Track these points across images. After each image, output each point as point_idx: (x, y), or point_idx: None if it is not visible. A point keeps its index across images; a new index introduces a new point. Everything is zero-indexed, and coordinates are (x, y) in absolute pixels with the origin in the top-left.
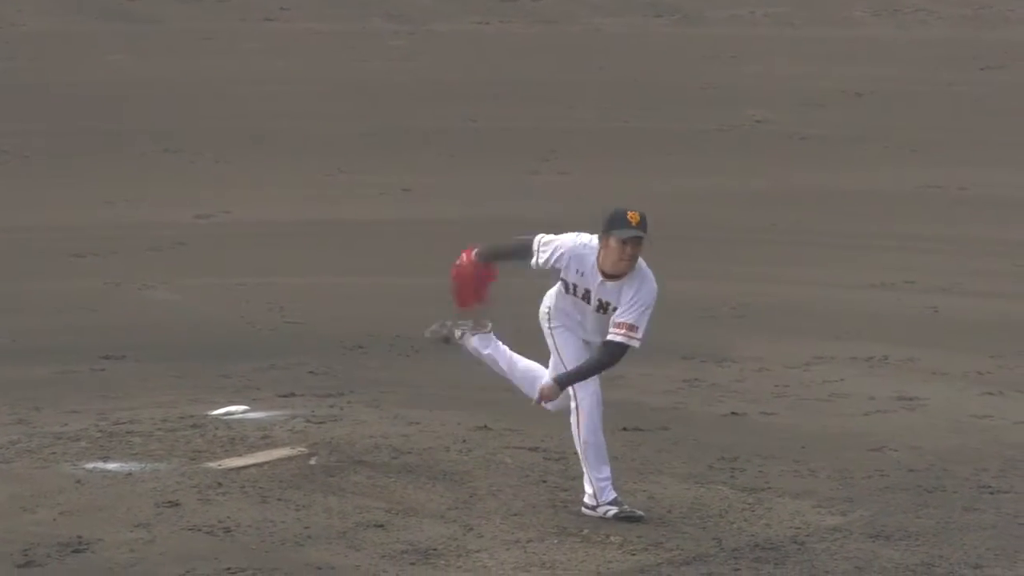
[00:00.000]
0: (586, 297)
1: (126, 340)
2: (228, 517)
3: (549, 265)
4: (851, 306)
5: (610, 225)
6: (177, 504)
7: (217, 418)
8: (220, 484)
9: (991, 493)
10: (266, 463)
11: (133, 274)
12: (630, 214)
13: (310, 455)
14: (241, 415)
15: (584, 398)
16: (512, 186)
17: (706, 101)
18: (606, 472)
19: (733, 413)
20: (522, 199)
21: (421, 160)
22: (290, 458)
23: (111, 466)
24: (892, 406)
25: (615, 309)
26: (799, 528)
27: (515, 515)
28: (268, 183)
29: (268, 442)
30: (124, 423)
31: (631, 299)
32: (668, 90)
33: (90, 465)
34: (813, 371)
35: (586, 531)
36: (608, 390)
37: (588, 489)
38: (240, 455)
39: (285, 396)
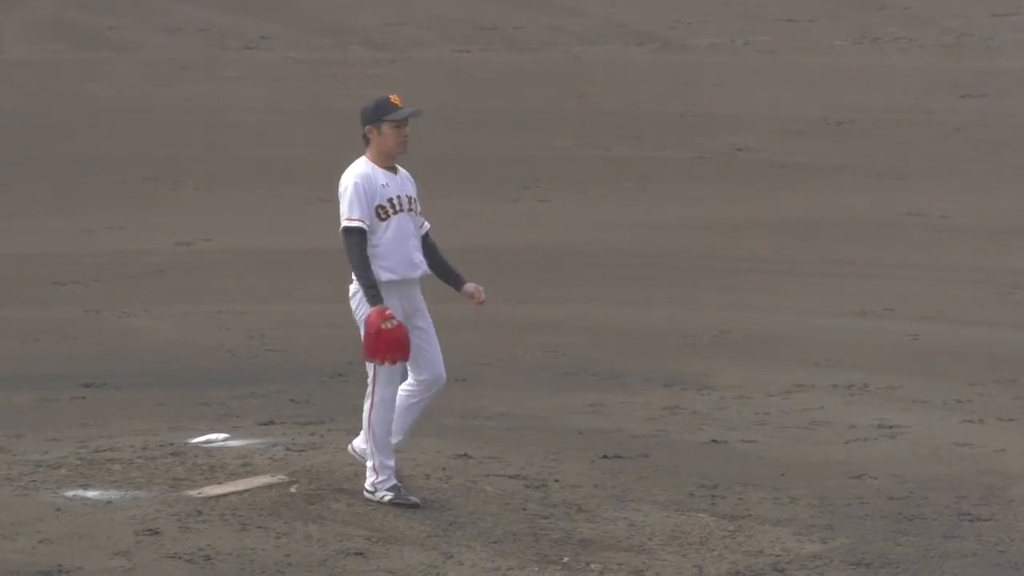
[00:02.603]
0: (401, 204)
1: (106, 368)
2: (208, 545)
3: (370, 210)
4: (831, 334)
5: (378, 114)
6: (157, 532)
7: (197, 446)
8: (200, 512)
9: (971, 521)
10: (246, 491)
11: (113, 302)
12: (392, 97)
13: (290, 483)
14: (221, 443)
15: (380, 391)
16: (493, 213)
17: (686, 129)
18: (391, 462)
19: (714, 440)
20: (503, 227)
21: None
22: (270, 486)
23: (91, 494)
24: (872, 434)
25: (413, 199)
26: (780, 555)
27: (495, 543)
28: (248, 210)
29: (248, 470)
30: (104, 451)
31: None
32: (649, 118)
33: (70, 493)
34: (793, 399)
35: (566, 559)
36: (588, 418)
37: (369, 477)
38: (220, 483)
39: (265, 424)
